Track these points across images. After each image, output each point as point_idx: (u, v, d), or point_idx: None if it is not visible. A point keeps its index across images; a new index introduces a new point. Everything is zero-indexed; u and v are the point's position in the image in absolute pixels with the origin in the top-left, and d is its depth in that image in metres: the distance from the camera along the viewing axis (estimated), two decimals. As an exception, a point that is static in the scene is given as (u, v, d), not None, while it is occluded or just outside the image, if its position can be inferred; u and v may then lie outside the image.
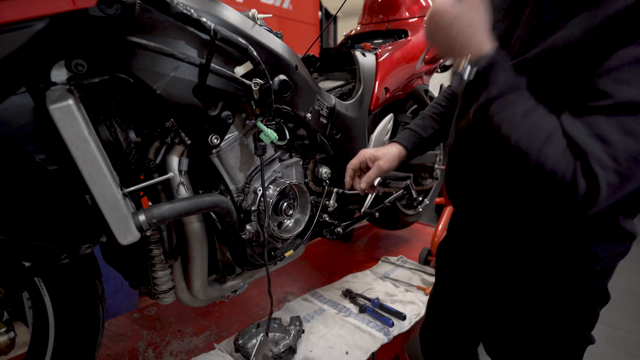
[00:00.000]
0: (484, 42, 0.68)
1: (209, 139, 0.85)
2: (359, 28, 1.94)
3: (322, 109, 1.22)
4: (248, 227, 1.00)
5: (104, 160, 0.70)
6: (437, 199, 2.36)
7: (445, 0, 0.69)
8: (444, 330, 1.12)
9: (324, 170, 1.33)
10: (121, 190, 0.73)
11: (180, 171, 0.88)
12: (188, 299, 1.10)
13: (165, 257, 0.88)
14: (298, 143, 1.42)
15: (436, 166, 1.97)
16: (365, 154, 1.09)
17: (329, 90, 1.44)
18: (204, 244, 0.96)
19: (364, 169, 1.14)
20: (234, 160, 0.97)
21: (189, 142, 0.85)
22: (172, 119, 0.83)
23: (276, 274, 1.85)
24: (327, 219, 1.36)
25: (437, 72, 2.19)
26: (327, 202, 1.35)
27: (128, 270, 1.01)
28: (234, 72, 0.83)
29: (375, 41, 1.76)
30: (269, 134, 0.89)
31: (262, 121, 0.90)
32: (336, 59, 1.60)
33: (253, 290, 1.70)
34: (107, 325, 1.46)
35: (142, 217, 0.75)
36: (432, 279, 1.77)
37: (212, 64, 0.78)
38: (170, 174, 0.81)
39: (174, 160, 0.88)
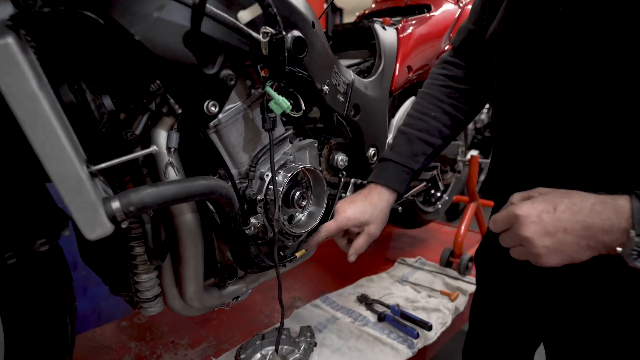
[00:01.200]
0: (614, 215, 0.48)
1: (205, 107, 0.66)
2: (373, 6, 1.76)
3: (339, 84, 1.04)
4: (253, 220, 0.81)
5: (63, 128, 0.52)
6: (456, 197, 2.18)
7: (529, 212, 0.53)
8: (496, 344, 0.93)
9: (340, 158, 1.14)
10: (87, 167, 0.55)
11: (169, 148, 0.70)
12: (180, 307, 0.92)
13: (149, 256, 0.70)
14: (310, 127, 1.24)
15: (458, 158, 1.78)
16: (346, 220, 0.86)
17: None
18: (198, 240, 0.78)
19: (349, 233, 0.93)
20: (237, 138, 0.78)
21: (180, 111, 0.67)
22: (157, 81, 0.64)
23: (282, 276, 1.67)
24: (344, 214, 1.17)
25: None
26: (343, 195, 1.16)
27: (107, 273, 0.83)
28: (236, 19, 0.64)
29: (394, 18, 1.58)
30: (281, 102, 0.71)
31: (272, 86, 0.72)
32: (351, 36, 1.42)
33: (257, 295, 1.52)
34: (90, 335, 1.27)
35: (115, 204, 0.57)
36: (456, 283, 1.59)
37: (208, 4, 0.60)
38: (153, 148, 0.62)
39: (161, 135, 0.70)
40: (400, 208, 1.26)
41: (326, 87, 0.93)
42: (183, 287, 0.85)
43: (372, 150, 1.23)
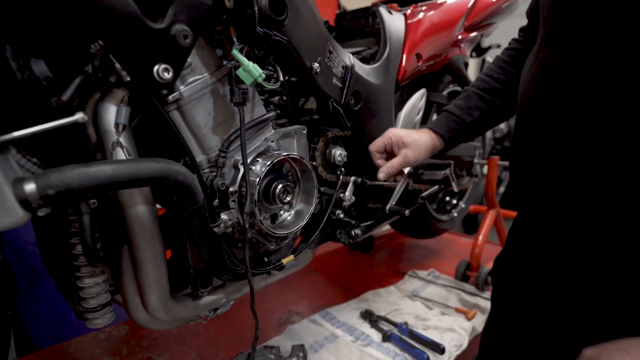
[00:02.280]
0: None
1: (155, 72, 0.54)
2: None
3: (335, 66, 0.91)
4: (224, 216, 0.68)
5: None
6: (474, 207, 2.01)
7: None
8: None
9: (339, 152, 1.00)
10: (-8, 136, 0.44)
11: (117, 125, 0.58)
12: (145, 320, 0.79)
13: (87, 257, 0.57)
14: (305, 119, 1.11)
15: (475, 160, 1.62)
16: (392, 135, 0.93)
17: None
18: (155, 239, 0.65)
19: (389, 152, 0.94)
20: (204, 118, 0.66)
21: (128, 79, 0.55)
22: (100, 41, 0.53)
23: (278, 287, 1.53)
24: (342, 216, 1.03)
25: (471, 56, 1.86)
26: (341, 195, 1.02)
27: (55, 276, 0.71)
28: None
29: (402, 7, 1.46)
30: (251, 70, 0.58)
31: (241, 51, 0.59)
32: (355, 23, 1.30)
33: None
34: (62, 348, 1.15)
35: (29, 186, 0.45)
36: (473, 300, 1.41)
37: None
38: (78, 116, 0.50)
39: (109, 110, 0.58)
40: (407, 211, 1.10)
41: (317, 65, 0.80)
42: (143, 296, 0.72)
43: (375, 145, 1.09)
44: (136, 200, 0.61)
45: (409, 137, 0.91)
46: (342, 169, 1.03)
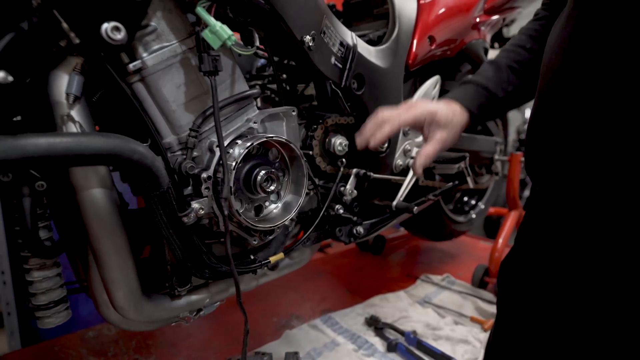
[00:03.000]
0: None
1: (104, 32, 0.46)
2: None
3: (334, 44, 0.82)
4: (195, 204, 0.60)
5: None
6: (493, 209, 1.86)
7: None
8: None
9: (339, 142, 0.91)
10: None
11: (67, 95, 0.51)
12: (117, 319, 0.72)
13: (29, 247, 0.50)
14: (305, 106, 1.03)
15: (496, 157, 1.48)
16: (423, 109, 0.73)
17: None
18: (114, 228, 0.57)
19: (418, 128, 0.77)
20: (172, 92, 0.58)
21: (78, 41, 0.48)
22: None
23: (279, 288, 1.44)
24: (342, 212, 0.93)
25: (492, 46, 1.73)
26: (342, 188, 0.93)
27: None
28: None
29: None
30: (218, 30, 0.49)
31: (209, 10, 0.51)
32: (363, 5, 1.20)
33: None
34: (46, 347, 1.10)
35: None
36: (491, 308, 1.28)
37: None
38: None
39: (61, 78, 0.51)
40: (415, 209, 0.99)
41: (309, 38, 0.71)
42: (109, 293, 0.65)
43: (380, 134, 0.98)
44: (90, 182, 0.54)
45: (442, 113, 0.73)
46: (343, 160, 0.94)
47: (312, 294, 1.45)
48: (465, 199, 1.72)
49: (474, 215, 1.62)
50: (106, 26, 0.46)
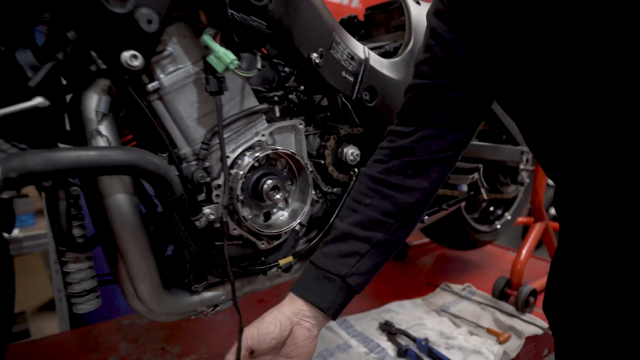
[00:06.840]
0: None
1: (123, 59, 0.54)
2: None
3: (344, 59, 0.86)
4: (206, 210, 0.66)
5: None
6: (521, 219, 1.81)
7: None
8: None
9: (351, 152, 0.95)
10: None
11: (96, 113, 0.59)
12: (143, 310, 0.80)
13: (58, 242, 0.58)
14: (321, 116, 1.07)
15: (522, 167, 1.45)
16: (256, 345, 0.65)
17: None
18: (137, 229, 0.65)
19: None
20: (186, 108, 0.65)
21: (104, 67, 0.56)
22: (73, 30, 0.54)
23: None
24: (352, 219, 0.97)
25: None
26: (353, 196, 0.96)
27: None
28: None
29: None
30: (222, 56, 0.56)
31: (214, 37, 0.57)
32: (383, 17, 1.23)
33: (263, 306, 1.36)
34: (86, 331, 1.22)
35: (-8, 168, 0.46)
36: (509, 321, 1.26)
37: None
38: (37, 101, 0.51)
39: (91, 98, 0.59)
40: (427, 218, 1.01)
41: (316, 55, 0.76)
42: (134, 286, 0.73)
43: (392, 145, 1.01)
44: (115, 188, 0.62)
45: (286, 347, 0.65)
46: (356, 170, 0.98)
47: (330, 296, 1.48)
48: (492, 208, 1.69)
49: (498, 226, 1.59)
50: (125, 55, 0.54)
